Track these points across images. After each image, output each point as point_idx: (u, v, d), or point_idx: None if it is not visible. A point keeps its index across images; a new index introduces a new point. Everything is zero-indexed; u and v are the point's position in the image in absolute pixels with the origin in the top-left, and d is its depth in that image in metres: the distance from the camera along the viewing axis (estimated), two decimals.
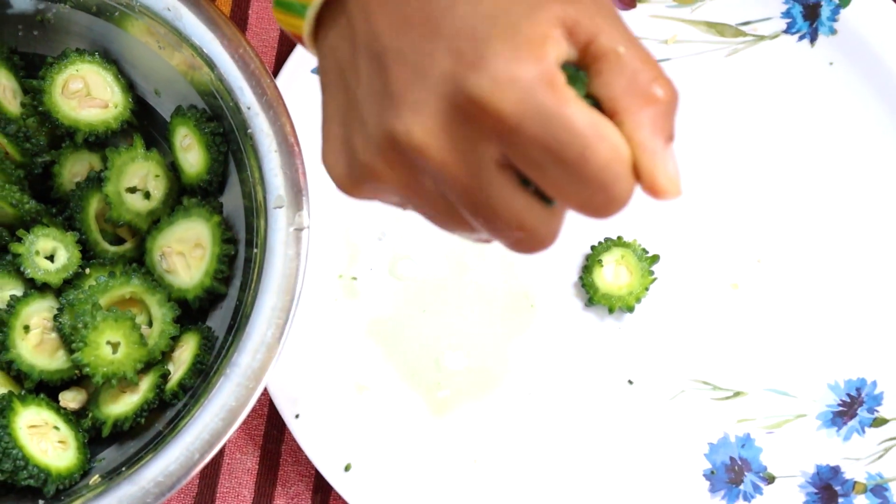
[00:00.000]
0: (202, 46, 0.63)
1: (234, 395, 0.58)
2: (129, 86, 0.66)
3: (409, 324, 0.71)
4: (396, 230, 0.72)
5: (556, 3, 0.42)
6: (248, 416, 0.70)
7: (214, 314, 0.64)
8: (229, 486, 0.70)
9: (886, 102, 0.73)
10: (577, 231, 0.72)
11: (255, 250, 0.61)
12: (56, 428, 0.60)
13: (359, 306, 0.71)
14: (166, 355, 0.63)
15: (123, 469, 0.58)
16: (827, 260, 0.72)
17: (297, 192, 0.61)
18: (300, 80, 0.72)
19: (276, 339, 0.59)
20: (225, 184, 0.65)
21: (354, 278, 0.71)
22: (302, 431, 0.67)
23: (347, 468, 0.68)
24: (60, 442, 0.60)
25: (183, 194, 0.66)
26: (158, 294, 0.63)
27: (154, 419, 0.62)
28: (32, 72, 0.67)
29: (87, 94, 0.65)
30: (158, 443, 0.58)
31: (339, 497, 0.69)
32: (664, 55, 0.74)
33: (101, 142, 0.66)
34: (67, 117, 0.65)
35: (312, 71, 0.72)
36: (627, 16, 0.74)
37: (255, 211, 0.62)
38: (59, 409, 0.61)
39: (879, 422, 0.70)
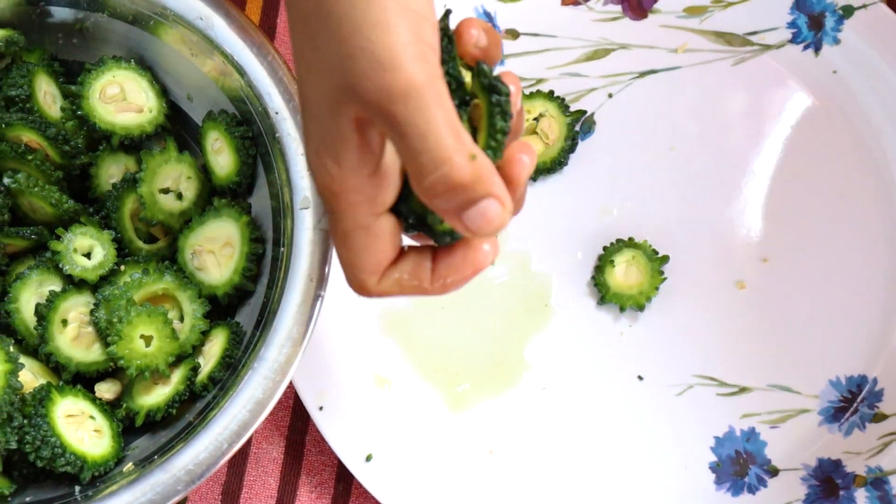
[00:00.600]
0: (233, 54, 0.63)
1: (261, 387, 0.58)
2: (163, 91, 0.67)
3: (429, 321, 0.72)
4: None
5: None
6: (275, 408, 0.70)
7: (243, 310, 0.64)
8: (256, 474, 0.71)
9: (887, 109, 0.73)
10: (589, 233, 0.73)
11: (281, 249, 0.61)
12: (92, 417, 0.61)
13: (381, 303, 0.72)
14: (197, 349, 0.63)
15: (155, 457, 0.59)
16: (828, 261, 0.73)
17: None
18: None
19: (302, 334, 0.59)
20: (253, 185, 0.65)
21: None
22: (325, 423, 0.68)
23: (369, 458, 0.68)
24: (96, 431, 0.61)
25: (213, 195, 0.67)
26: (189, 290, 0.63)
27: (185, 410, 0.62)
28: (72, 78, 0.67)
29: (123, 98, 0.66)
30: (189, 433, 0.59)
31: (360, 486, 0.70)
32: (674, 63, 0.75)
33: (136, 145, 0.66)
34: (104, 121, 0.65)
35: None
36: (639, 26, 0.75)
37: (282, 212, 0.62)
38: (94, 400, 0.62)
39: (879, 417, 0.70)
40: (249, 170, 0.65)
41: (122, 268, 0.64)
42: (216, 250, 0.65)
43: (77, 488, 0.60)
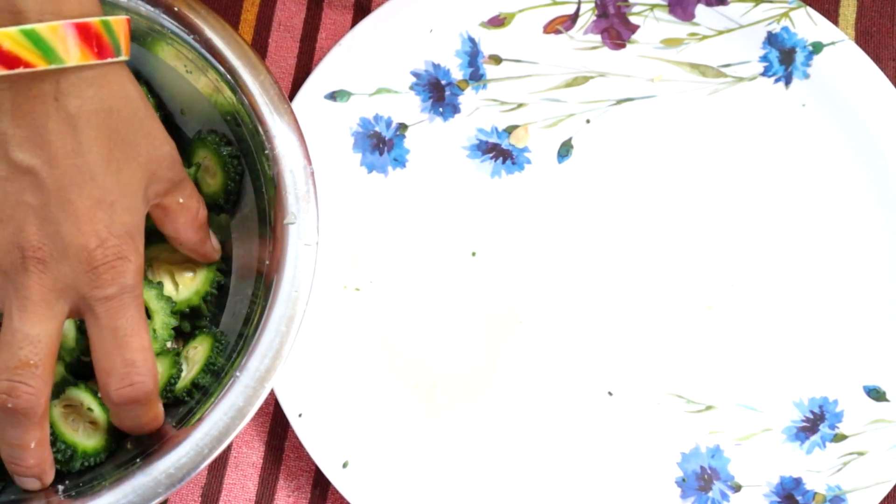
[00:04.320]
0: (226, 72, 0.63)
1: (242, 395, 0.58)
2: (158, 105, 0.67)
3: (407, 334, 0.72)
4: (397, 247, 0.73)
5: None
6: (255, 413, 0.70)
7: (227, 320, 0.64)
8: (235, 478, 0.70)
9: (853, 141, 0.74)
10: (563, 253, 0.74)
11: (266, 262, 0.62)
12: (90, 409, 0.61)
13: (360, 316, 0.72)
14: (181, 355, 0.63)
15: (138, 460, 0.58)
16: (795, 286, 0.73)
17: (308, 209, 0.62)
18: (314, 105, 0.73)
19: (283, 345, 0.59)
20: (239, 201, 0.65)
21: (357, 289, 0.72)
22: (304, 430, 0.68)
23: (345, 465, 0.68)
24: (91, 423, 0.61)
25: None
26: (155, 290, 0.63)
27: (167, 414, 0.61)
28: None
29: None
30: (171, 437, 0.59)
31: (336, 491, 0.70)
32: (650, 92, 0.75)
33: None
34: None
35: (325, 97, 0.73)
36: (617, 55, 0.76)
37: (268, 225, 0.62)
38: (95, 393, 0.61)
39: (839, 437, 0.70)
40: (236, 187, 0.65)
41: None
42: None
43: (60, 488, 0.60)
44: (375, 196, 0.74)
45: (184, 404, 0.62)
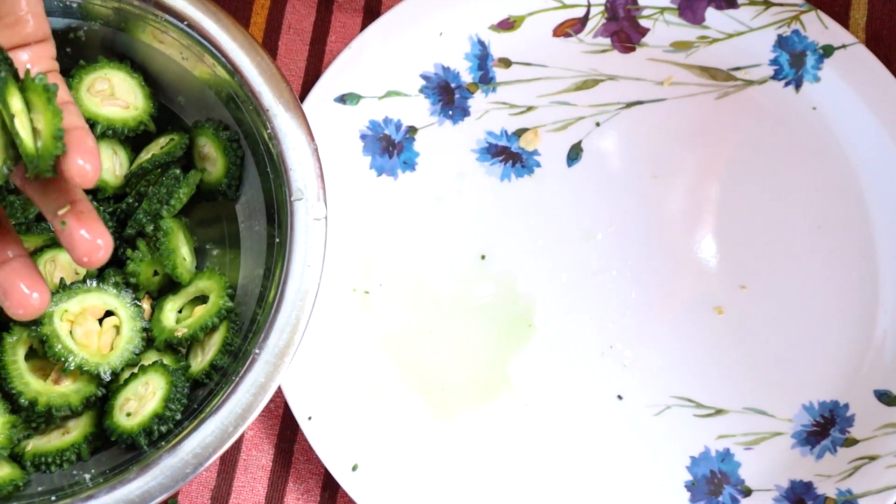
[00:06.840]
0: (223, 56, 0.63)
1: (263, 371, 0.59)
2: (154, 94, 0.66)
3: (417, 338, 0.71)
4: (407, 250, 0.73)
5: None
6: (265, 416, 0.71)
7: (242, 299, 0.64)
8: (245, 480, 0.70)
9: (864, 145, 0.74)
10: (574, 257, 0.74)
11: (277, 240, 0.62)
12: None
13: (370, 319, 0.72)
14: (192, 346, 0.64)
15: (163, 443, 0.59)
16: (804, 289, 0.73)
17: (315, 185, 0.62)
18: (324, 108, 0.73)
19: (300, 319, 0.60)
20: (241, 185, 0.65)
21: (367, 292, 0.72)
22: (313, 432, 0.68)
23: (354, 468, 0.68)
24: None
25: (201, 200, 0.67)
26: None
27: (190, 398, 0.62)
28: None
29: (111, 94, 0.65)
30: (194, 418, 0.59)
31: (346, 494, 0.69)
32: (660, 96, 0.75)
33: (128, 138, 0.66)
34: (88, 111, 0.64)
35: (335, 100, 0.73)
36: (627, 58, 0.75)
37: (275, 204, 0.62)
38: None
39: (850, 442, 0.70)
40: (238, 171, 0.65)
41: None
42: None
43: (87, 476, 0.60)
44: (385, 199, 0.74)
45: (203, 386, 0.62)
